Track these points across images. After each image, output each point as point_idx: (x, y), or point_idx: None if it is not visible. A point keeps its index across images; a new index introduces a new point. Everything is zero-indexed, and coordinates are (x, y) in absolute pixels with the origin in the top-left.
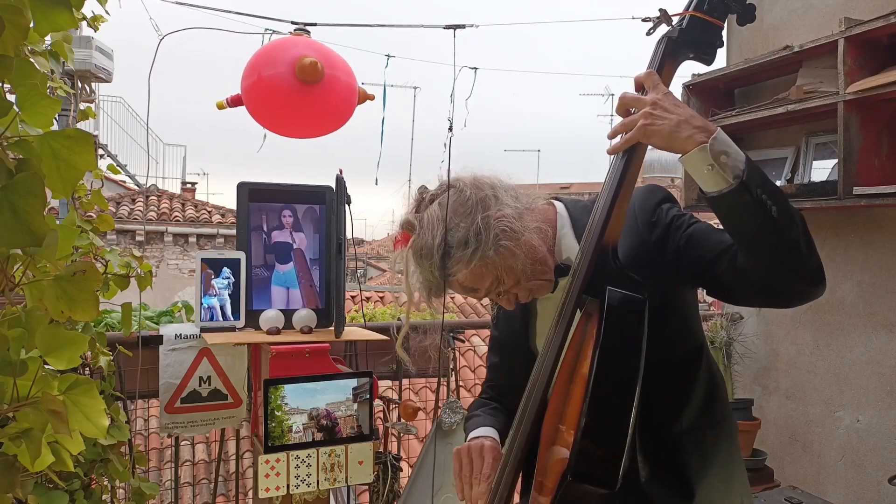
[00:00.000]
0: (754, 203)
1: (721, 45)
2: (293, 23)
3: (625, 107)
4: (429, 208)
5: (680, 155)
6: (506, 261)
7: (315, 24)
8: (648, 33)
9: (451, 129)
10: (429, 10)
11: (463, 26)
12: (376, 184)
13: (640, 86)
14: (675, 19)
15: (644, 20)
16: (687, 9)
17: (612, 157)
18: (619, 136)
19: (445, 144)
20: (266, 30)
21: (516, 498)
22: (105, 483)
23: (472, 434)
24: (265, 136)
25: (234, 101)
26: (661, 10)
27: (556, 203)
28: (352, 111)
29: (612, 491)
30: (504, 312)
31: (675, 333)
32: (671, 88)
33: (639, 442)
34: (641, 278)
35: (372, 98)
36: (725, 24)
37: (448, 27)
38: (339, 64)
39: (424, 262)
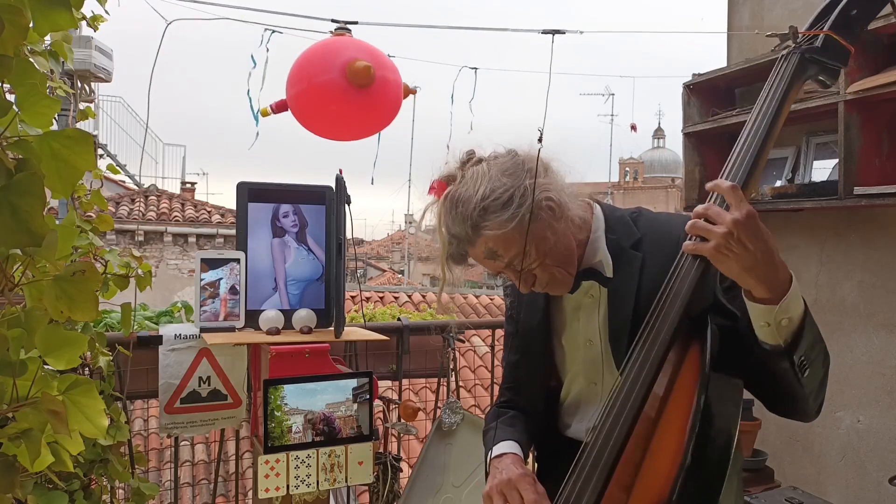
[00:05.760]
0: (788, 370)
1: (845, 68)
2: (333, 20)
3: (702, 217)
4: (478, 166)
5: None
6: (540, 232)
7: (357, 23)
8: (774, 49)
9: (539, 139)
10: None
11: (563, 32)
12: (372, 183)
13: (719, 194)
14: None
15: (769, 35)
16: (821, 27)
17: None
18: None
19: (448, 146)
20: (266, 29)
21: None
22: (105, 483)
23: (495, 451)
24: (257, 133)
25: (280, 107)
26: (791, 27)
27: (595, 205)
28: (398, 109)
29: None
30: (525, 307)
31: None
32: (666, 84)
33: None
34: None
35: (414, 92)
36: (725, 14)
37: (546, 32)
38: (387, 63)
39: (458, 213)
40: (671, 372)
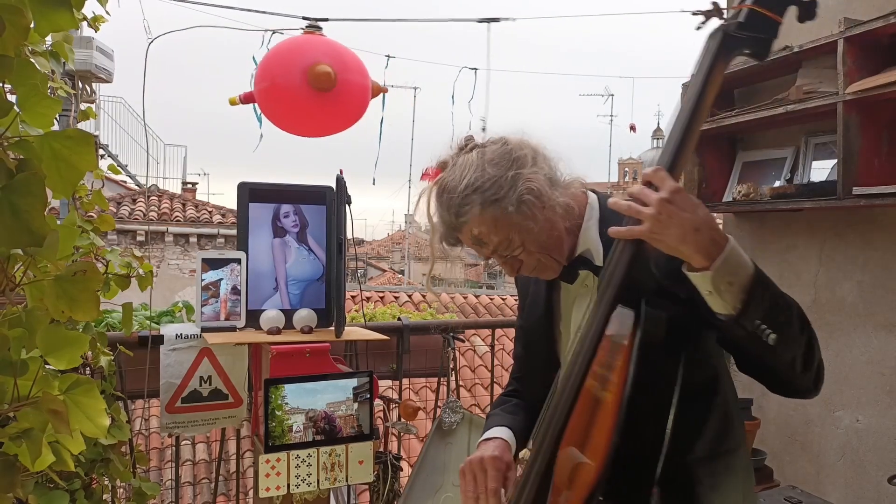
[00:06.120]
0: (748, 336)
1: (775, 39)
2: (305, 18)
3: (633, 196)
4: (469, 154)
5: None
6: (522, 221)
7: (327, 20)
8: (698, 28)
9: (483, 129)
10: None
11: (498, 20)
12: (374, 184)
13: (647, 183)
14: (728, 12)
15: (695, 13)
16: (743, 2)
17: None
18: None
19: (450, 146)
20: (266, 30)
21: None
22: (106, 483)
23: (485, 435)
24: (261, 136)
25: (247, 99)
26: (713, 2)
27: (590, 194)
28: (364, 110)
29: None
30: (530, 300)
31: (690, 360)
32: (666, 84)
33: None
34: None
35: (386, 91)
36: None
37: (482, 20)
38: (352, 64)
39: (444, 201)
40: (616, 352)
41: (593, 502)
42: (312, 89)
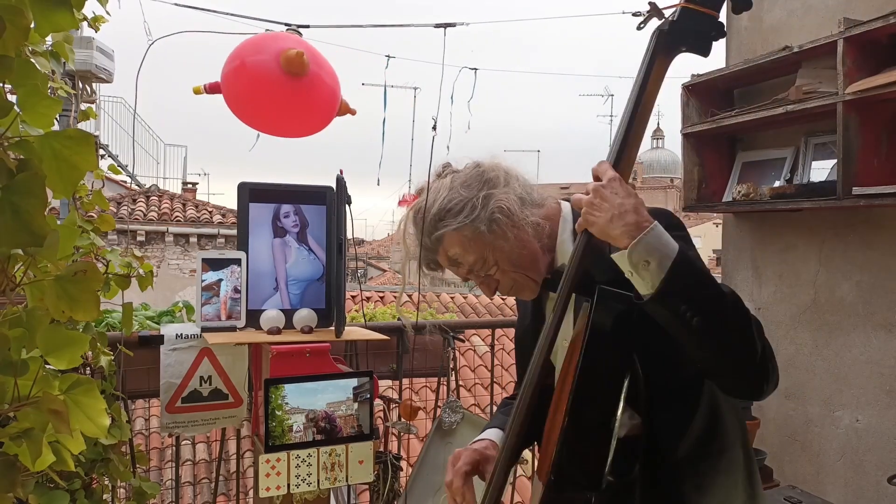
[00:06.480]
0: (670, 316)
1: (718, 35)
2: (286, 24)
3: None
4: (444, 179)
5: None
6: (495, 240)
7: (308, 26)
8: (639, 28)
9: (434, 127)
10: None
11: (454, 24)
12: (378, 184)
13: (595, 176)
14: (668, 12)
15: (634, 14)
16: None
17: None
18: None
19: (448, 147)
20: (266, 31)
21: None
22: (106, 482)
23: (478, 437)
24: (258, 135)
25: (213, 88)
26: (650, 3)
27: (564, 205)
28: (331, 117)
29: (596, 492)
30: (521, 310)
31: (673, 355)
32: (666, 84)
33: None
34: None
35: (353, 113)
36: (725, 17)
37: (439, 26)
38: (325, 66)
39: (419, 223)
40: (575, 344)
41: (556, 491)
42: (283, 72)
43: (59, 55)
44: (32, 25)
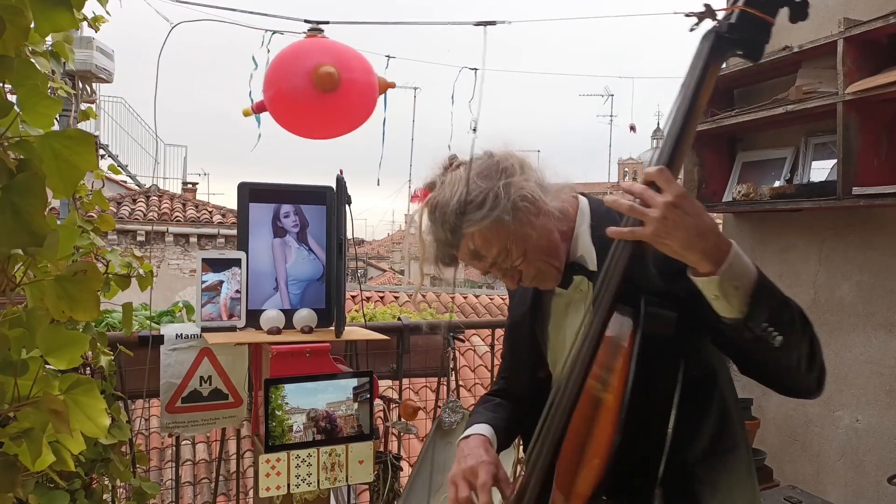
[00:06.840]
0: (755, 339)
1: (767, 41)
2: (306, 21)
3: (636, 196)
4: (456, 171)
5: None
6: (519, 229)
7: (328, 22)
8: (692, 29)
9: (474, 129)
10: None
11: (494, 23)
12: (378, 185)
13: (650, 183)
14: (721, 14)
15: (688, 15)
16: (735, 3)
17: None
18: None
19: (449, 146)
20: (266, 31)
21: None
22: (106, 482)
23: (466, 432)
24: (259, 135)
25: (259, 108)
26: (705, 4)
27: (581, 198)
28: (373, 107)
29: None
30: (517, 299)
31: (687, 360)
32: (666, 84)
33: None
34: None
35: (392, 86)
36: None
37: (479, 24)
38: (356, 64)
39: (437, 219)
40: (616, 353)
41: (597, 502)
42: (317, 91)
43: (59, 55)
44: (32, 25)
